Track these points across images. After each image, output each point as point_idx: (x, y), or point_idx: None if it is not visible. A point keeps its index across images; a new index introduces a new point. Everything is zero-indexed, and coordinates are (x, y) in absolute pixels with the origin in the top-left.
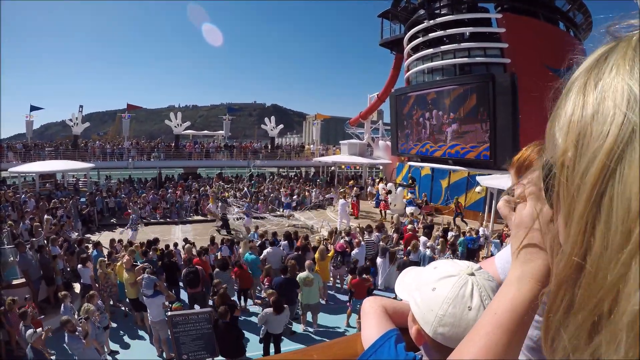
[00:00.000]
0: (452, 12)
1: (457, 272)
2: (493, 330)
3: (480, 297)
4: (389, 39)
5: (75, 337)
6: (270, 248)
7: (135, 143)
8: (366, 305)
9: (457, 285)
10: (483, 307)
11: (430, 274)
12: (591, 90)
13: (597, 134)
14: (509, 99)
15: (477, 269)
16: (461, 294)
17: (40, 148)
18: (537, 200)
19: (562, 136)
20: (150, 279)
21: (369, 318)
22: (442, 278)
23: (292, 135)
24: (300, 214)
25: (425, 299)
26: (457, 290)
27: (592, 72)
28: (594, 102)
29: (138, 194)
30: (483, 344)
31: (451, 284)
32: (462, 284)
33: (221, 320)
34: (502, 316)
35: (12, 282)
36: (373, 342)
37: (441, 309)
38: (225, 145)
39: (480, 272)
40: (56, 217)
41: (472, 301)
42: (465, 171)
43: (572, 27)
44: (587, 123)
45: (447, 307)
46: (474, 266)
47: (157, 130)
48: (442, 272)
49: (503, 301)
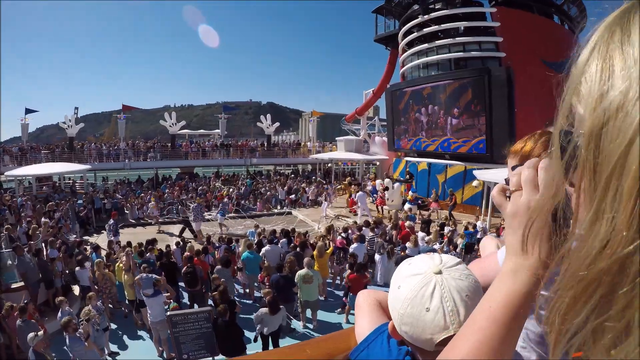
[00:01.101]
0: (447, 6)
1: (424, 271)
2: (487, 325)
3: (440, 298)
4: (384, 34)
5: (77, 339)
6: (269, 246)
7: (131, 144)
8: (360, 298)
9: (418, 285)
10: (442, 309)
11: (403, 270)
12: (618, 54)
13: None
14: (504, 93)
15: (450, 266)
16: (420, 295)
17: (37, 151)
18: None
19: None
20: (149, 277)
21: (363, 312)
22: (409, 276)
23: (288, 133)
24: (297, 211)
25: (392, 296)
26: (417, 290)
27: (614, 32)
28: (625, 68)
29: (135, 194)
30: (476, 339)
31: (413, 283)
32: (424, 284)
33: (221, 318)
34: (497, 310)
35: (12, 285)
36: (366, 336)
37: (401, 308)
38: (221, 144)
39: (452, 270)
40: (54, 220)
41: (431, 302)
42: (462, 165)
43: (567, 20)
44: (622, 93)
45: (406, 306)
46: (448, 262)
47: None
48: (411, 270)
49: (498, 294)
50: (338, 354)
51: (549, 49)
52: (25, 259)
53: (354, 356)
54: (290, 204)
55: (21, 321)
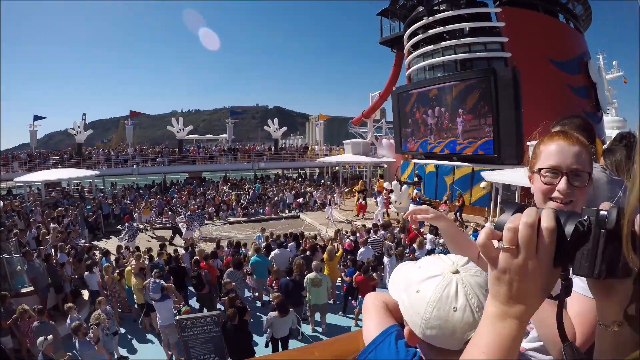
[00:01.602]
0: (451, 7)
1: (441, 272)
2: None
3: (465, 296)
4: (389, 37)
5: (87, 343)
6: (278, 249)
7: (139, 149)
8: (367, 301)
9: (440, 286)
10: (469, 307)
11: (415, 273)
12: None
13: None
14: (511, 93)
15: (464, 265)
16: (445, 295)
17: (45, 157)
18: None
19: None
20: (157, 282)
21: (370, 314)
22: (426, 279)
23: (295, 137)
24: (305, 215)
25: (411, 301)
26: (441, 291)
27: None
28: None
29: (143, 199)
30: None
31: (435, 285)
32: (446, 284)
33: (230, 323)
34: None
35: (21, 290)
36: (373, 338)
37: (426, 312)
38: (229, 149)
39: (466, 268)
40: (63, 225)
41: (457, 301)
42: (470, 167)
43: (572, 18)
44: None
45: (431, 310)
46: (460, 262)
47: (160, 136)
48: (426, 272)
49: (488, 339)
50: (346, 356)
51: (555, 48)
52: (35, 264)
53: (362, 357)
54: (298, 207)
55: (39, 322)
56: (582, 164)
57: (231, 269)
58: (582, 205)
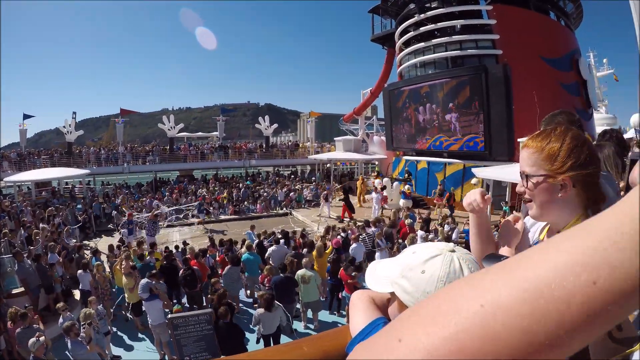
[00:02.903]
0: (443, 5)
1: (440, 251)
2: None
3: (469, 269)
4: (380, 34)
5: (79, 343)
6: (275, 246)
7: (130, 148)
8: (354, 297)
9: (445, 262)
10: None
11: (412, 259)
12: None
13: None
14: (502, 90)
15: (454, 246)
16: (452, 270)
17: (35, 156)
18: None
19: None
20: (146, 282)
21: (357, 308)
22: (428, 259)
23: (286, 134)
24: (297, 212)
25: (416, 283)
26: (447, 267)
27: None
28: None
29: (134, 198)
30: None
31: (440, 263)
32: (450, 261)
33: (222, 320)
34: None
35: (12, 291)
36: (361, 329)
37: (436, 289)
38: (220, 146)
39: (459, 248)
40: (53, 225)
41: (463, 274)
42: (461, 163)
43: (563, 16)
44: None
45: (442, 285)
46: (449, 244)
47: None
48: (425, 254)
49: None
50: (334, 351)
51: (546, 45)
52: (25, 265)
53: (350, 349)
54: (289, 204)
55: (22, 329)
56: (528, 166)
57: (229, 266)
58: (543, 200)
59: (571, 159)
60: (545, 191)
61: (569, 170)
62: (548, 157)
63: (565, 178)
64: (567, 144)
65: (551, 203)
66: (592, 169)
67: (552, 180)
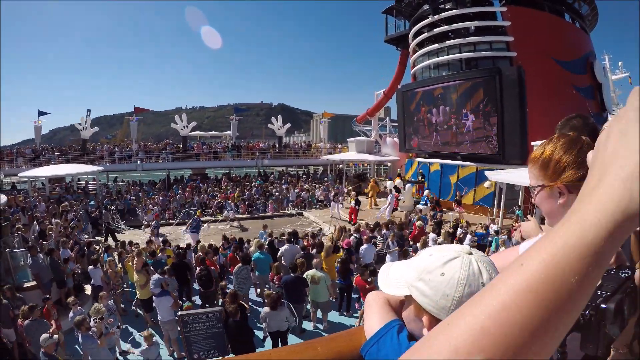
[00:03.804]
0: (457, 6)
1: (458, 254)
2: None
3: (487, 272)
4: (394, 35)
5: (89, 337)
6: (287, 245)
7: (143, 145)
8: (370, 298)
9: (465, 264)
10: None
11: (429, 261)
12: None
13: None
14: (516, 93)
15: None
16: (472, 273)
17: (50, 152)
18: None
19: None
20: (158, 278)
21: (372, 309)
22: (447, 261)
23: (299, 134)
24: (308, 213)
25: (435, 285)
26: (467, 269)
27: None
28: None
29: (147, 195)
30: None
31: (459, 265)
32: (468, 263)
33: (231, 319)
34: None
35: (24, 284)
36: (376, 331)
37: (457, 292)
38: (233, 146)
39: (475, 250)
40: (66, 220)
41: (482, 277)
42: (474, 166)
43: (578, 18)
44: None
45: (462, 288)
46: (465, 246)
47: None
48: (443, 257)
49: (544, 243)
50: (348, 352)
51: (561, 48)
52: (39, 260)
53: (364, 351)
54: (301, 205)
55: (31, 320)
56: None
57: (239, 264)
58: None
59: (562, 165)
60: (545, 200)
61: (562, 177)
62: (542, 167)
63: (559, 185)
64: (558, 151)
65: (554, 211)
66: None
67: (548, 189)
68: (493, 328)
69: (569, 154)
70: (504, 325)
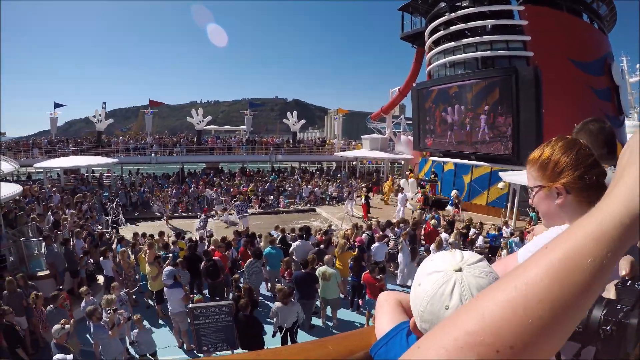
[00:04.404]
0: (474, 4)
1: (444, 268)
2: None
3: (460, 296)
4: (410, 32)
5: (101, 327)
6: (299, 241)
7: (158, 138)
8: (381, 298)
9: (438, 282)
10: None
11: (426, 266)
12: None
13: None
14: (532, 93)
15: (471, 264)
16: (440, 292)
17: (65, 144)
18: None
19: None
20: (171, 270)
21: (383, 310)
22: (430, 273)
23: (313, 130)
24: (321, 209)
25: (414, 293)
26: (437, 288)
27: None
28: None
29: (161, 188)
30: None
31: (433, 281)
32: (444, 282)
33: (242, 312)
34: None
35: (38, 273)
36: (385, 332)
37: (421, 306)
38: (247, 140)
39: (472, 268)
40: (80, 211)
41: (450, 300)
42: (488, 167)
43: (596, 18)
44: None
45: (425, 304)
46: (469, 260)
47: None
48: (432, 267)
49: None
50: (359, 351)
51: (578, 48)
52: (54, 249)
53: (374, 351)
54: (314, 201)
55: (52, 308)
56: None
57: (251, 259)
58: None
59: (560, 166)
60: (543, 201)
61: (560, 178)
62: (541, 168)
63: (557, 185)
64: (557, 152)
65: (551, 211)
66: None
67: (546, 189)
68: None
69: (567, 156)
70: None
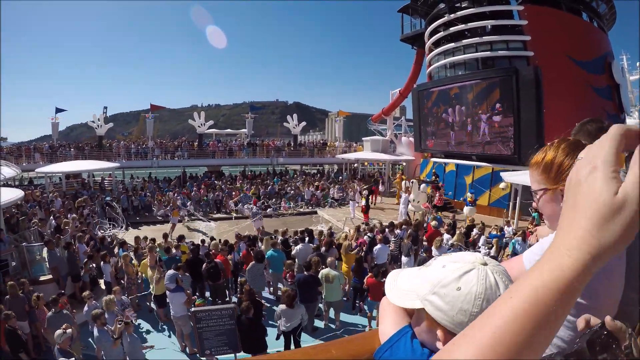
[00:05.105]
0: (473, 5)
1: (473, 265)
2: (504, 322)
3: (504, 283)
4: (410, 34)
5: (105, 332)
6: (301, 244)
7: (159, 142)
8: (385, 302)
9: (481, 278)
10: None
11: (442, 273)
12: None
13: None
14: (532, 93)
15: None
16: (489, 286)
17: (66, 149)
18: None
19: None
20: (173, 273)
21: (387, 313)
22: (462, 274)
23: (314, 133)
24: (323, 211)
25: (451, 301)
26: (484, 282)
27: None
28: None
29: (162, 192)
30: (485, 341)
31: (475, 279)
32: (485, 276)
33: (244, 316)
34: (521, 301)
35: (40, 278)
36: (389, 336)
37: (475, 307)
38: (248, 144)
39: (489, 260)
40: (82, 215)
41: (499, 289)
42: (489, 167)
43: (596, 17)
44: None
45: (480, 302)
46: (479, 256)
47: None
48: (458, 269)
49: (530, 279)
50: (362, 355)
51: (578, 47)
52: (57, 253)
53: (378, 356)
54: (316, 203)
55: (53, 312)
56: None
57: (253, 262)
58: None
59: (564, 169)
60: (548, 204)
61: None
62: (544, 171)
63: (562, 188)
64: (560, 155)
65: (556, 214)
66: None
67: (551, 192)
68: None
69: (570, 158)
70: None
